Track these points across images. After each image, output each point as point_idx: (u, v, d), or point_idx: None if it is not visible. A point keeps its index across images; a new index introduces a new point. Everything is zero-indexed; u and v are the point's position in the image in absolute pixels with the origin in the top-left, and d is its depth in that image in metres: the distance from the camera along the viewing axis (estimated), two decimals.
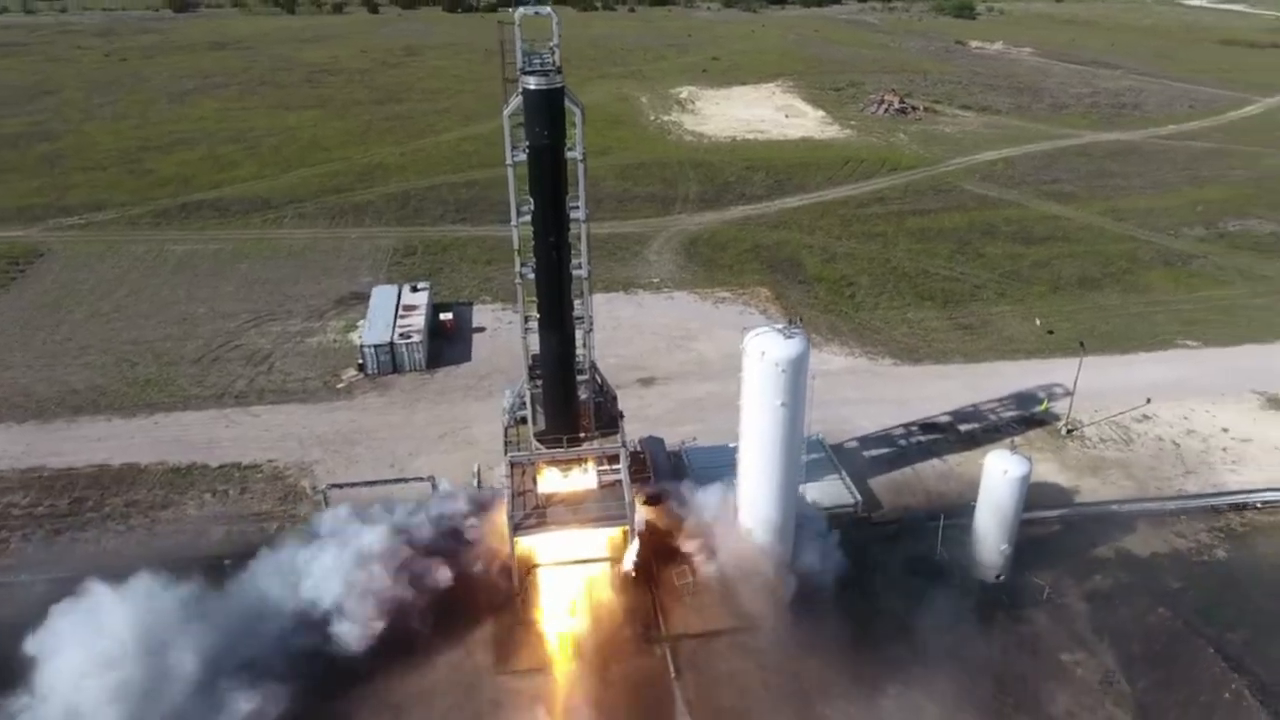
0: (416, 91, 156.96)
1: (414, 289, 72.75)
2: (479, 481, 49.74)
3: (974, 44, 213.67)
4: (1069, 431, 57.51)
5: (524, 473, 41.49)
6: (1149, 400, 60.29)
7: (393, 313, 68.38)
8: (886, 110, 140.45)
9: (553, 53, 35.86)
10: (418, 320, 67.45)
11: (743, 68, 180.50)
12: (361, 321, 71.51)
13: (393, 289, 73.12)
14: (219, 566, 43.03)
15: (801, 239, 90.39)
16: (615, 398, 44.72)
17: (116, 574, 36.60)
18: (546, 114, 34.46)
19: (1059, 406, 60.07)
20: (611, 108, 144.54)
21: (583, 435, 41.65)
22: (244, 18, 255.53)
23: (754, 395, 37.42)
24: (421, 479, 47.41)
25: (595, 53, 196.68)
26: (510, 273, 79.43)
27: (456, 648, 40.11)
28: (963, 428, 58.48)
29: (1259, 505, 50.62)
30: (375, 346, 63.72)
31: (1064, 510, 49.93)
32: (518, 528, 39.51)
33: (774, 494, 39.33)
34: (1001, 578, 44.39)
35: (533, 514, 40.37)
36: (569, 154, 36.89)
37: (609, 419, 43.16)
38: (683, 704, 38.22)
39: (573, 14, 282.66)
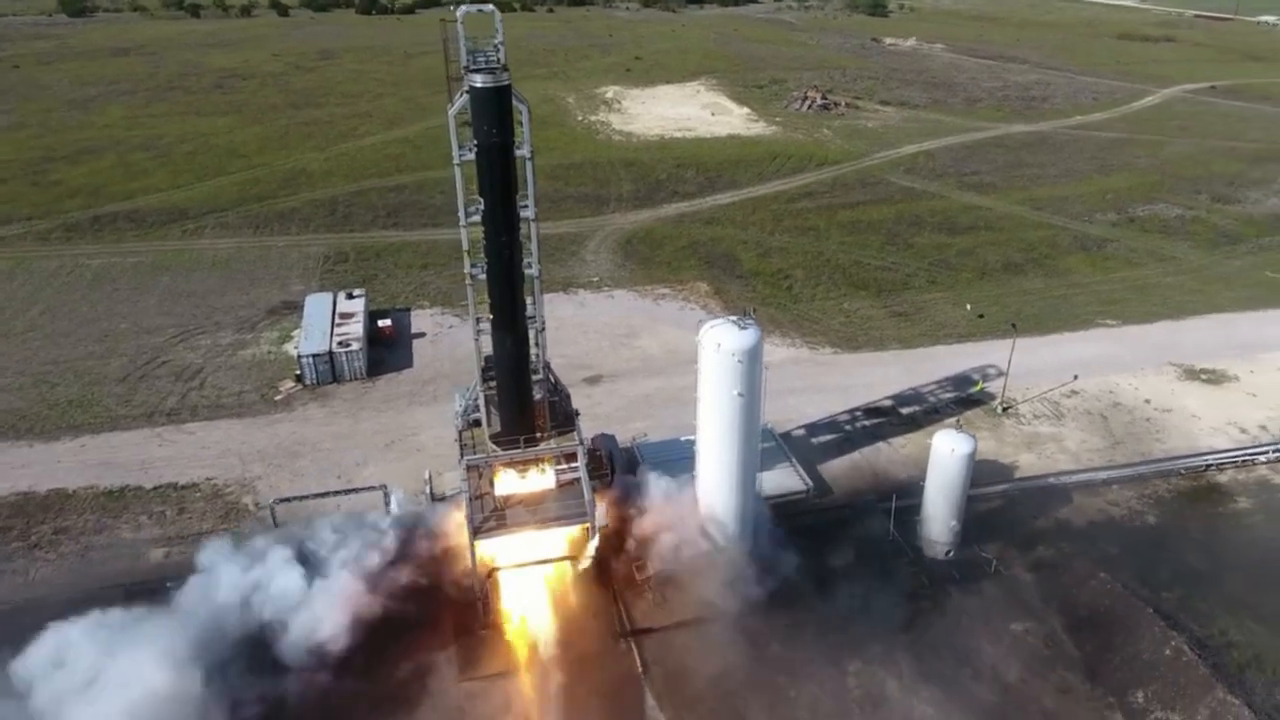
0: (335, 95, 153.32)
1: (349, 296, 71.10)
2: (431, 488, 48.81)
3: (889, 41, 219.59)
4: (1004, 410, 59.64)
5: (481, 475, 40.93)
6: (1076, 377, 62.95)
7: (329, 321, 66.69)
8: (810, 106, 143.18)
9: (497, 50, 35.40)
10: (356, 328, 65.94)
11: (666, 67, 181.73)
12: (296, 331, 69.66)
13: (327, 297, 71.30)
14: (160, 590, 41.39)
15: (736, 234, 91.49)
16: (569, 396, 44.55)
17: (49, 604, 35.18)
18: (495, 112, 34.09)
19: (993, 386, 62.27)
20: (538, 109, 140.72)
21: (539, 435, 41.31)
22: (146, 22, 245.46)
23: (711, 386, 37.75)
24: (373, 488, 46.29)
25: (518, 54, 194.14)
26: (446, 276, 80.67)
27: (417, 657, 39.37)
28: (904, 411, 60.07)
29: (1182, 472, 53.36)
30: (313, 356, 62.01)
31: (1005, 485, 51.78)
32: (477, 531, 38.99)
33: (733, 482, 39.76)
34: (951, 553, 45.79)
35: (491, 517, 39.89)
36: (517, 152, 36.45)
37: (564, 417, 42.93)
38: (652, 697, 38.29)
39: (476, 18, 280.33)
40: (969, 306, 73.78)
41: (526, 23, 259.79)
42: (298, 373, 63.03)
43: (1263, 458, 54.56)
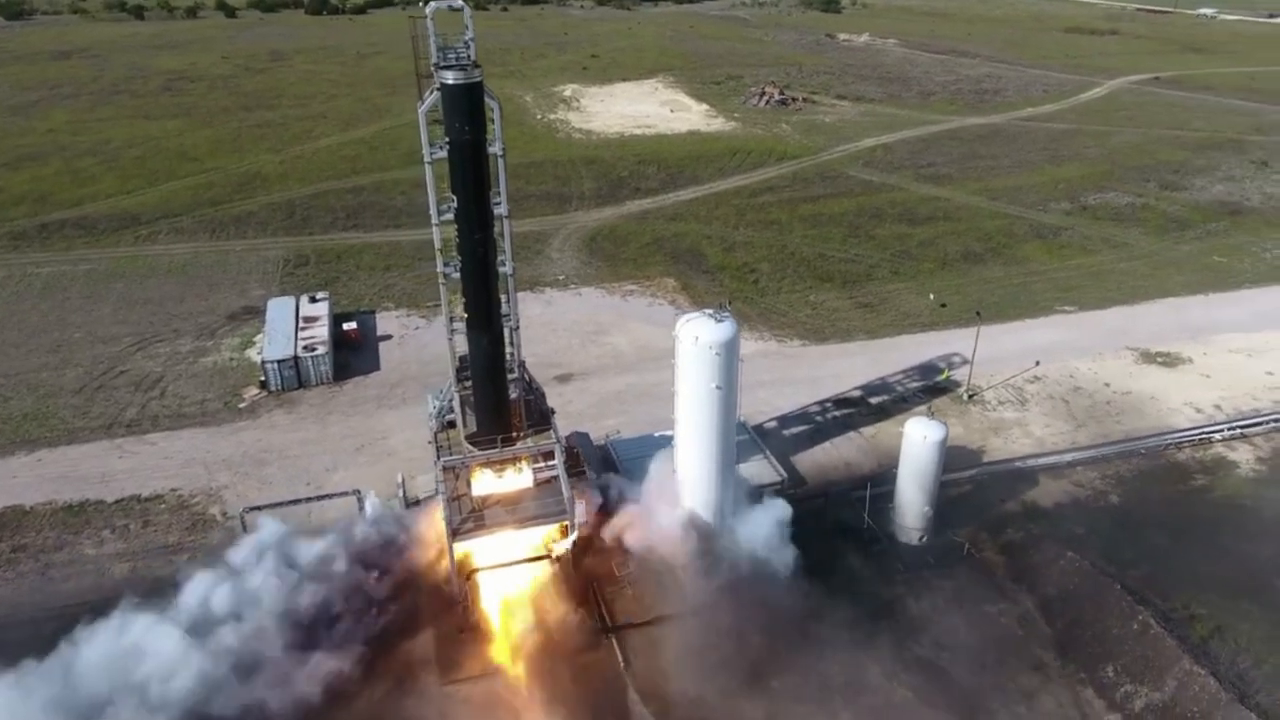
0: (288, 97, 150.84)
1: (313, 299, 69.99)
2: (404, 491, 48.31)
3: (842, 36, 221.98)
4: (970, 397, 60.70)
5: (459, 477, 40.61)
6: (1038, 363, 64.23)
7: (293, 325, 65.61)
8: (768, 102, 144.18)
9: (467, 47, 35.11)
10: (321, 331, 64.94)
11: (623, 65, 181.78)
12: (258, 337, 68.48)
13: (290, 301, 70.13)
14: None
15: (700, 230, 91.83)
16: (543, 394, 44.44)
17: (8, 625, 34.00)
18: (467, 109, 33.84)
19: (958, 374, 63.32)
20: None
21: (516, 434, 41.11)
22: (87, 25, 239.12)
23: (689, 379, 37.90)
24: (347, 493, 45.67)
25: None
26: (410, 277, 79.85)
27: (399, 662, 38.97)
28: (873, 400, 60.84)
29: (1142, 452, 54.81)
30: (278, 362, 60.93)
31: (974, 470, 52.70)
32: (456, 533, 38.69)
33: (712, 474, 39.96)
34: (924, 539, 46.50)
35: (470, 518, 39.61)
36: (488, 149, 36.19)
37: (539, 416, 42.79)
38: (634, 693, 38.32)
39: (444, 15, 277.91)
40: (932, 296, 74.97)
41: (482, 22, 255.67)
42: (262, 379, 61.90)
43: (1218, 436, 56.22)
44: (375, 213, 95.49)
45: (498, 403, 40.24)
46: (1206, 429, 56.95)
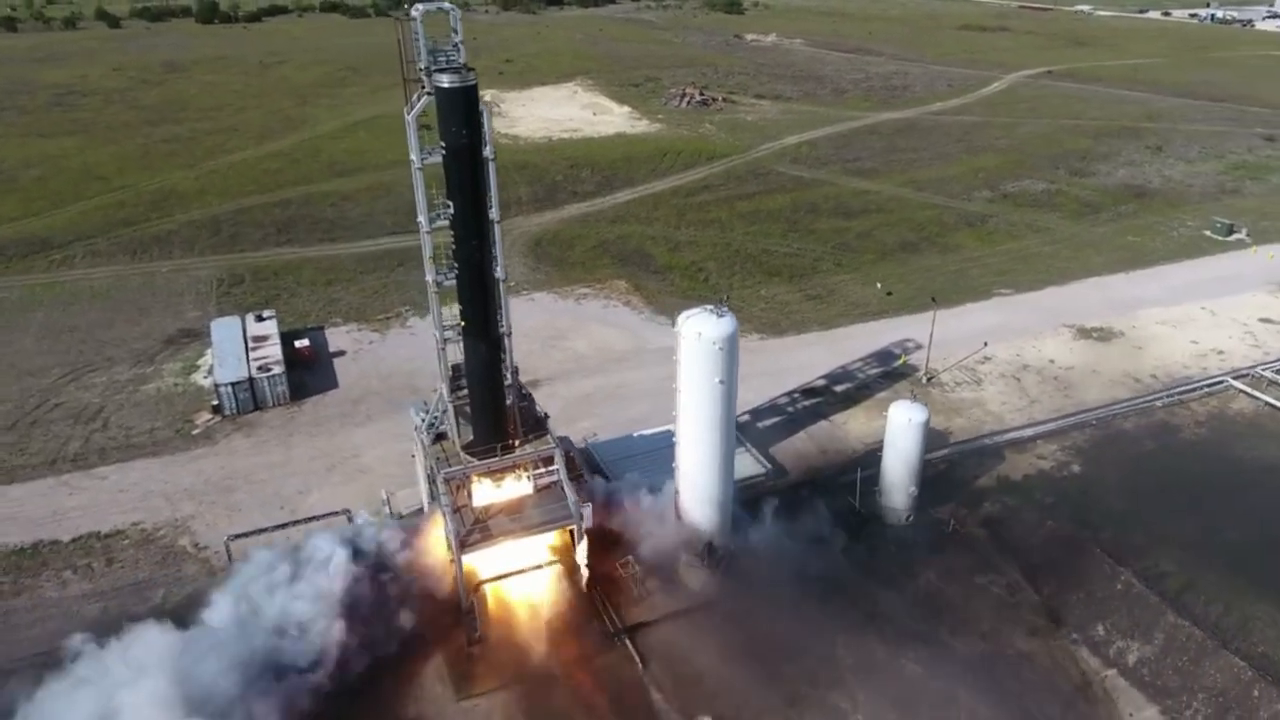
0: (192, 110, 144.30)
1: (259, 318, 67.26)
2: (390, 508, 47.00)
3: (750, 37, 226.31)
4: (928, 380, 62.89)
5: (460, 488, 39.77)
6: (985, 344, 67.04)
7: (242, 346, 62.90)
8: (689, 103, 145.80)
9: (456, 49, 34.48)
10: (273, 351, 62.49)
11: (539, 69, 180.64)
12: (202, 360, 65.58)
13: (234, 321, 67.21)
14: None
15: (643, 231, 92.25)
16: (533, 399, 43.97)
17: None
18: (464, 112, 33.25)
19: (914, 358, 65.50)
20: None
21: (513, 441, 40.55)
22: None
23: (692, 375, 38.14)
24: (335, 513, 44.10)
25: (381, 60, 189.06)
26: (355, 291, 77.67)
27: (411, 681, 37.96)
28: (837, 389, 62.37)
29: (1094, 423, 57.88)
30: (232, 384, 58.32)
31: (945, 450, 54.60)
32: (464, 545, 37.89)
33: (715, 469, 40.32)
34: (910, 519, 47.96)
35: (475, 529, 38.85)
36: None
37: (534, 422, 42.34)
38: (655, 691, 38.30)
39: (344, 21, 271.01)
40: (879, 285, 77.34)
41: (385, 28, 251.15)
42: (215, 403, 59.19)
43: (1159, 403, 59.86)
44: (307, 227, 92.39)
45: (497, 410, 39.67)
46: (1147, 398, 60.56)
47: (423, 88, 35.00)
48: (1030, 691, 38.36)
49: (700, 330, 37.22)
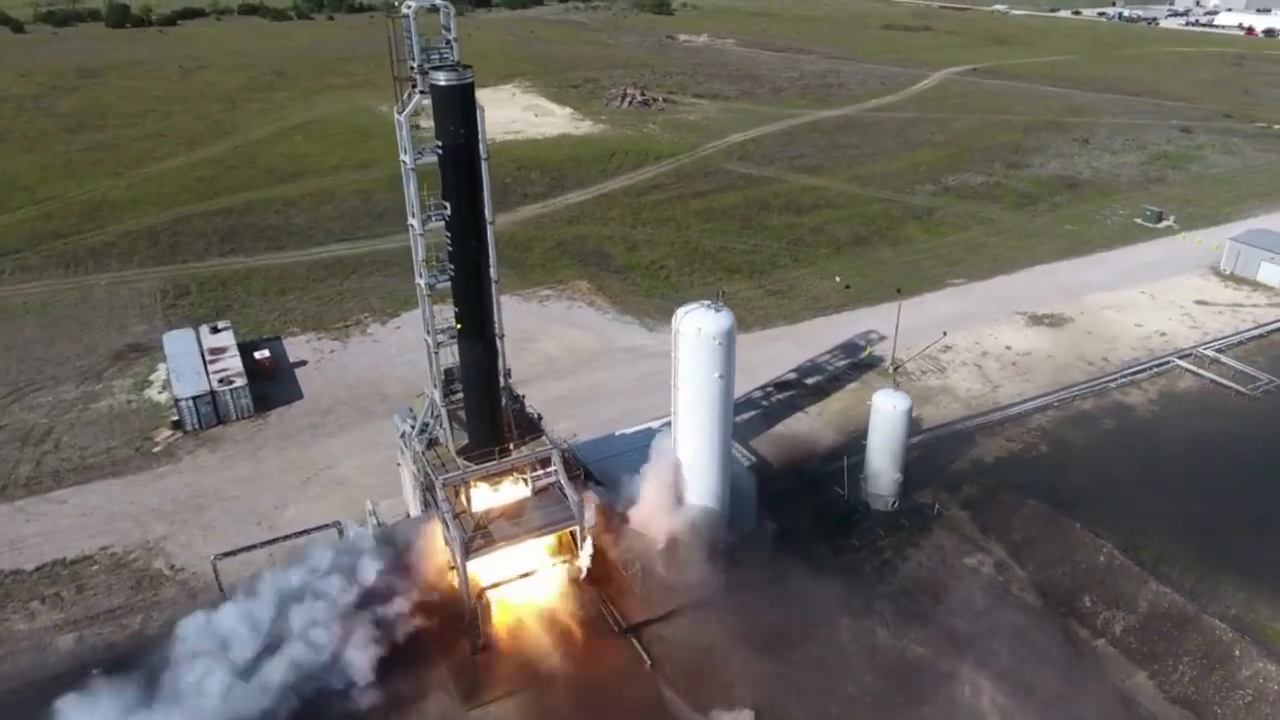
0: (114, 116, 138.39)
1: (214, 330, 64.87)
2: (376, 518, 45.80)
3: (683, 37, 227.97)
4: (895, 369, 64.32)
5: (458, 493, 39.04)
6: (945, 333, 68.87)
7: (199, 358, 60.55)
8: (630, 103, 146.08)
9: (450, 47, 33.84)
10: (233, 363, 60.33)
11: (474, 71, 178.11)
12: (155, 375, 63.02)
13: (188, 333, 64.67)
14: (84, 678, 36.46)
15: (599, 231, 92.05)
16: (524, 401, 43.43)
17: None
18: (461, 111, 32.65)
19: (879, 349, 66.91)
20: (355, 119, 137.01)
21: (510, 444, 40.01)
22: None
23: (691, 370, 38.21)
24: (326, 526, 42.76)
25: (309, 64, 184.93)
26: (310, 299, 75.61)
27: (419, 692, 37.13)
28: (808, 381, 63.30)
29: (1055, 405, 60.02)
30: (194, 398, 56.09)
31: (920, 437, 55.75)
32: (469, 551, 37.21)
33: (713, 463, 40.50)
34: (895, 504, 48.98)
35: (478, 535, 38.19)
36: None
37: (528, 424, 41.85)
38: (666, 687, 38.25)
39: (264, 24, 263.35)
40: (838, 279, 78.78)
41: (308, 31, 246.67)
42: (174, 418, 56.86)
43: (1113, 384, 62.44)
44: (252, 235, 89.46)
45: (493, 413, 39.08)
46: (1102, 379, 63.09)
47: (414, 86, 34.24)
48: (1027, 665, 39.58)
49: (700, 326, 37.36)
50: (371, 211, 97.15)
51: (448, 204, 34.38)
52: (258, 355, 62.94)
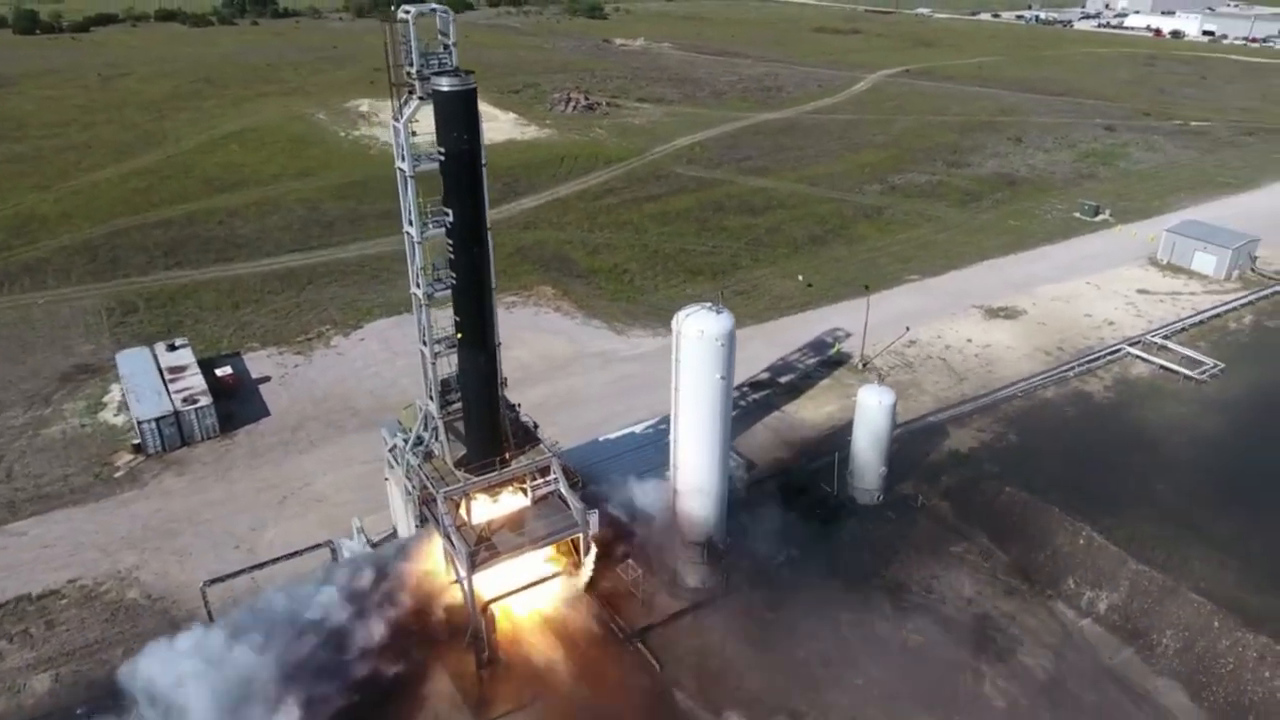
0: (33, 127, 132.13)
1: (171, 348, 62.39)
2: (364, 535, 44.69)
3: (619, 41, 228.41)
4: (864, 366, 65.61)
5: (459, 506, 38.37)
6: (908, 329, 70.55)
7: (158, 378, 58.19)
8: (575, 108, 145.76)
9: (448, 52, 33.30)
10: (195, 381, 58.13)
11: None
12: (108, 397, 60.37)
13: (143, 352, 62.06)
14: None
15: (558, 236, 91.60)
16: (518, 409, 42.97)
17: None
18: (464, 117, 32.14)
19: (846, 346, 68.15)
20: (291, 127, 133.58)
21: (509, 454, 39.52)
22: None
23: (693, 371, 38.37)
24: (318, 546, 41.51)
25: (238, 70, 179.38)
26: (268, 312, 73.52)
27: (425, 709, 36.40)
28: (782, 380, 64.08)
29: (1019, 395, 62.04)
30: (157, 420, 53.82)
31: (895, 430, 56.78)
32: (475, 564, 36.60)
33: (713, 464, 40.66)
34: (880, 498, 49.95)
35: (481, 547, 37.59)
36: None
37: (524, 432, 41.41)
38: (677, 690, 38.27)
39: (184, 30, 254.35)
40: (800, 278, 79.97)
41: (232, 37, 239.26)
42: (135, 441, 54.50)
43: (1071, 373, 64.85)
44: (197, 247, 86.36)
45: (493, 424, 38.57)
46: (1060, 369, 65.43)
47: (411, 92, 33.60)
48: (1019, 647, 40.85)
49: (703, 328, 37.60)
50: (320, 221, 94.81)
51: (449, 211, 33.73)
52: (220, 372, 60.76)
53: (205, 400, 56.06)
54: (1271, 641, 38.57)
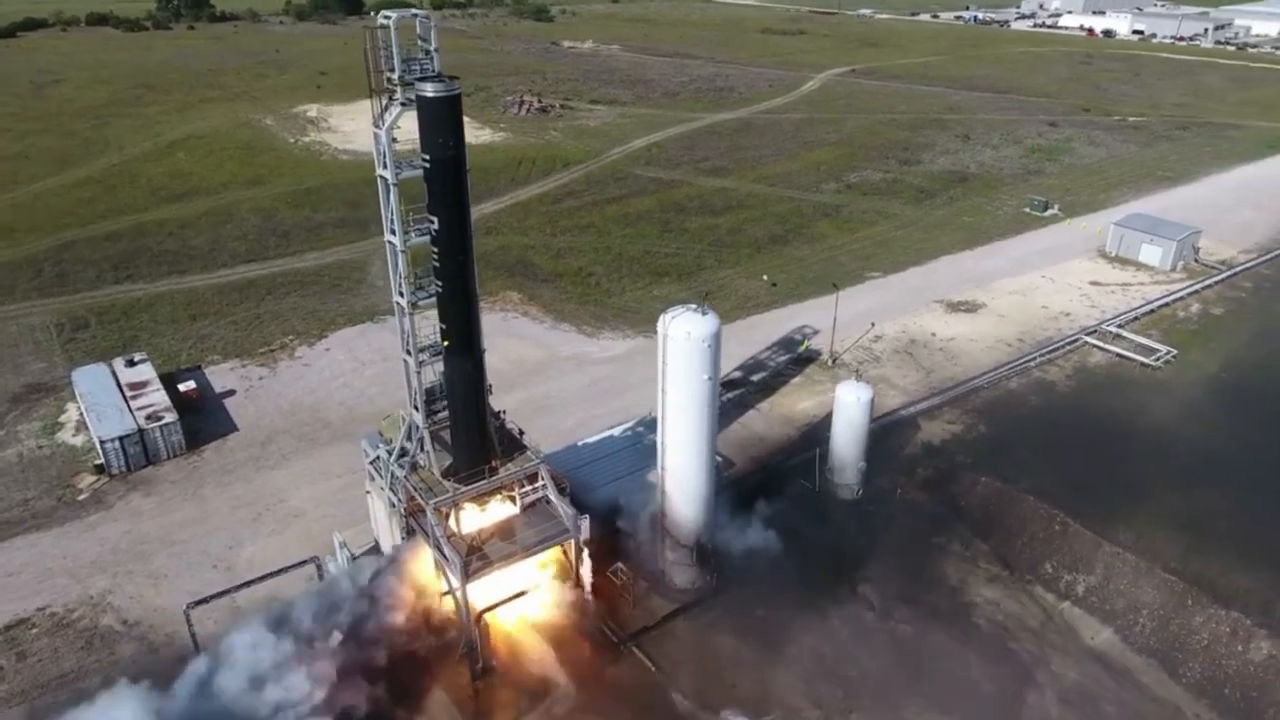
0: None
1: (130, 363, 60.55)
2: (346, 549, 43.92)
3: (568, 44, 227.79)
4: (834, 361, 66.51)
5: (448, 516, 37.95)
6: (873, 325, 71.70)
7: (119, 395, 56.41)
8: (528, 110, 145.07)
9: (430, 57, 32.91)
10: (158, 397, 56.50)
11: (359, 82, 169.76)
12: (64, 416, 58.35)
13: (101, 369, 60.11)
14: None
15: (520, 240, 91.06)
16: (504, 417, 42.64)
17: None
18: (449, 123, 31.80)
19: (815, 343, 69.03)
20: (239, 134, 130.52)
21: (496, 462, 39.20)
22: None
23: (680, 373, 38.42)
24: (303, 563, 40.62)
25: (178, 76, 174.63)
26: (227, 324, 71.80)
27: None
28: (754, 378, 64.65)
29: (985, 386, 63.52)
30: (120, 438, 52.15)
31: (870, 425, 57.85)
32: (469, 574, 36.23)
33: (701, 466, 40.80)
34: (860, 492, 50.71)
35: (474, 557, 37.24)
36: None
37: (509, 440, 41.11)
38: (674, 690, 38.38)
39: (117, 34, 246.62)
40: (765, 277, 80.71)
41: (169, 42, 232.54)
42: (98, 462, 52.75)
43: (1033, 364, 66.60)
44: (149, 260, 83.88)
45: (481, 432, 38.21)
46: (1022, 360, 67.15)
47: (393, 98, 33.15)
48: (1004, 632, 41.85)
49: (689, 329, 37.64)
50: (276, 230, 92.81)
51: (435, 218, 33.34)
52: (182, 388, 59.14)
53: (170, 417, 54.50)
54: (1242, 616, 40.12)
